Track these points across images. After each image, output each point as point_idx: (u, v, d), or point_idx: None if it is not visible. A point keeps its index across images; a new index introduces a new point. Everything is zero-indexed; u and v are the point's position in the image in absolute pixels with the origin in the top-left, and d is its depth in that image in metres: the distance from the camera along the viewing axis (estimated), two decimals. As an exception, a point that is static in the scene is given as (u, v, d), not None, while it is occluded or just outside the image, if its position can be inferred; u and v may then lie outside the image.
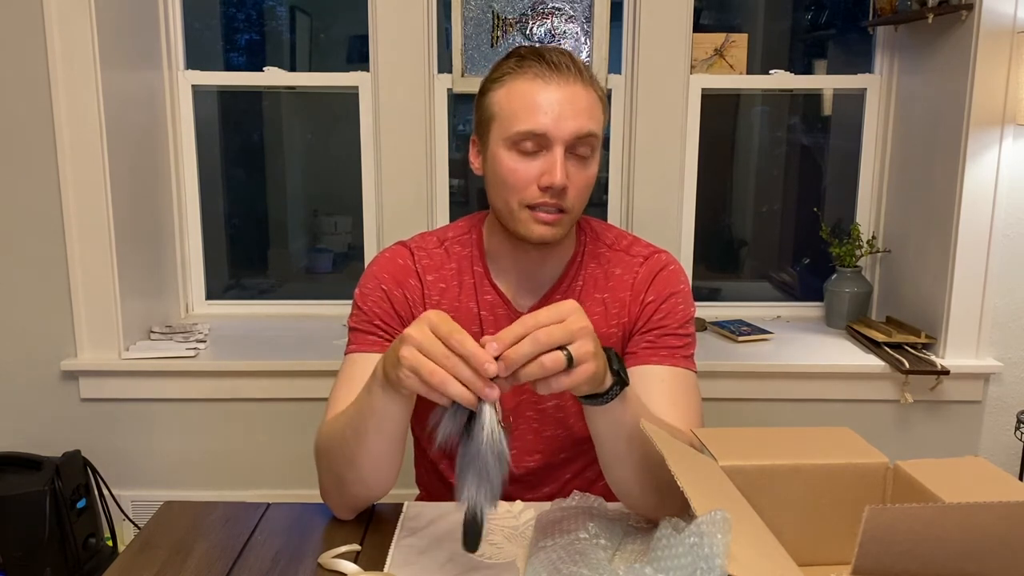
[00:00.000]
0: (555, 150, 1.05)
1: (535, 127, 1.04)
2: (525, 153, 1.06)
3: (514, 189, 1.07)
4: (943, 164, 2.19)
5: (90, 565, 2.13)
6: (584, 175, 1.08)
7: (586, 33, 2.41)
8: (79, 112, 2.11)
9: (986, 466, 0.89)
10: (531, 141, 1.05)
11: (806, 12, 2.83)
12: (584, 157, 1.08)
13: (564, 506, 1.00)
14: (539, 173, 1.06)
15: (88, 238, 2.17)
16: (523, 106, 1.05)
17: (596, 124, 1.07)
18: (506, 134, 1.07)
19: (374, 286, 1.17)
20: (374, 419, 0.94)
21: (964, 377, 2.22)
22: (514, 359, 0.77)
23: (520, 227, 1.09)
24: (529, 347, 0.77)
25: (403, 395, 0.90)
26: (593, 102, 1.08)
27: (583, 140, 1.06)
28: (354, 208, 2.57)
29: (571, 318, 0.80)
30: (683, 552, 0.71)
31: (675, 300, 1.17)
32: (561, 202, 1.06)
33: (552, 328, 0.78)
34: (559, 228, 1.09)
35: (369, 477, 1.00)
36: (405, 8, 2.33)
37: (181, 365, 2.22)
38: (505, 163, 1.07)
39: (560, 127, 1.04)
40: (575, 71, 1.06)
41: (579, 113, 1.05)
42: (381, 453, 0.97)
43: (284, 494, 2.27)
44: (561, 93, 1.05)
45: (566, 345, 0.79)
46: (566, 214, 1.08)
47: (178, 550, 0.99)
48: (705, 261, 2.73)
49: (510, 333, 0.78)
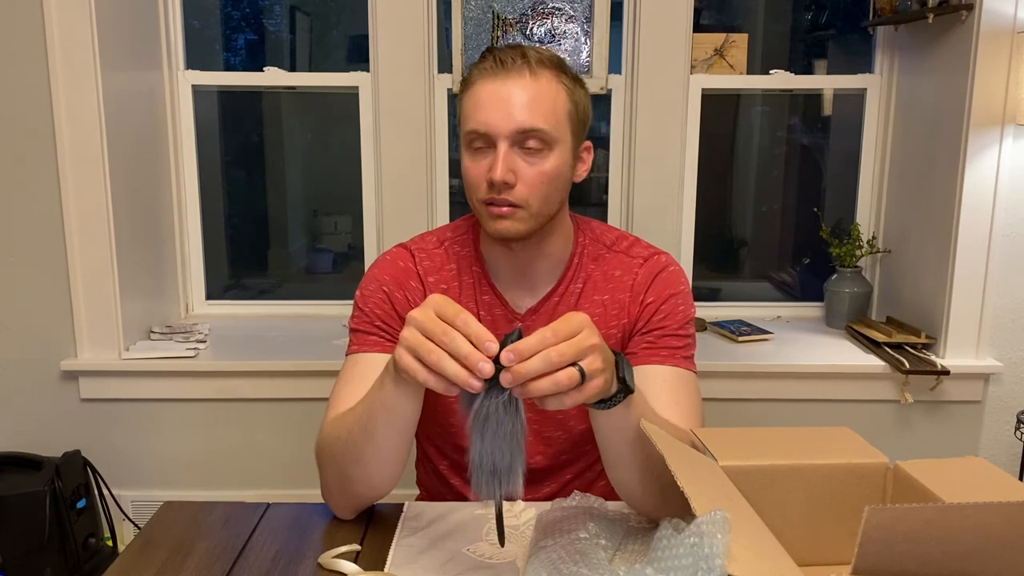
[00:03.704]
0: (498, 146, 1.06)
1: (478, 125, 1.07)
2: (477, 152, 1.09)
3: (471, 187, 1.11)
4: (943, 164, 2.19)
5: (90, 565, 2.13)
6: (536, 170, 1.07)
7: (586, 33, 2.41)
8: (79, 112, 2.11)
9: (986, 466, 0.89)
10: (479, 140, 1.08)
11: (806, 12, 2.83)
12: (535, 151, 1.07)
13: (564, 506, 1.00)
14: (487, 170, 1.07)
15: (88, 238, 2.17)
16: (472, 106, 1.08)
17: (542, 118, 1.06)
18: (462, 135, 1.11)
19: (375, 287, 1.17)
20: (384, 414, 0.94)
21: (964, 377, 2.22)
22: (522, 373, 0.76)
23: (486, 224, 1.11)
24: (539, 364, 0.76)
25: (412, 388, 0.90)
26: (541, 95, 1.06)
27: (528, 135, 1.06)
28: (354, 208, 2.57)
29: (583, 334, 0.79)
30: (683, 552, 0.71)
31: (675, 301, 1.17)
32: (509, 197, 1.07)
33: (563, 346, 0.77)
34: (516, 222, 1.09)
35: (375, 476, 1.00)
36: (405, 8, 2.33)
37: (181, 365, 2.22)
38: (464, 163, 1.11)
39: (499, 124, 1.05)
40: (521, 64, 1.06)
41: (523, 108, 1.05)
42: (389, 451, 0.97)
43: (284, 494, 2.27)
44: (505, 89, 1.06)
45: (577, 361, 0.78)
46: (521, 209, 1.08)
47: (178, 550, 0.99)
48: (705, 261, 2.73)
49: (526, 345, 0.77)
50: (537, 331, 0.78)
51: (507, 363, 0.77)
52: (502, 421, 0.79)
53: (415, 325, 0.81)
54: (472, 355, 0.77)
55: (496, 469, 0.80)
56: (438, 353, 0.79)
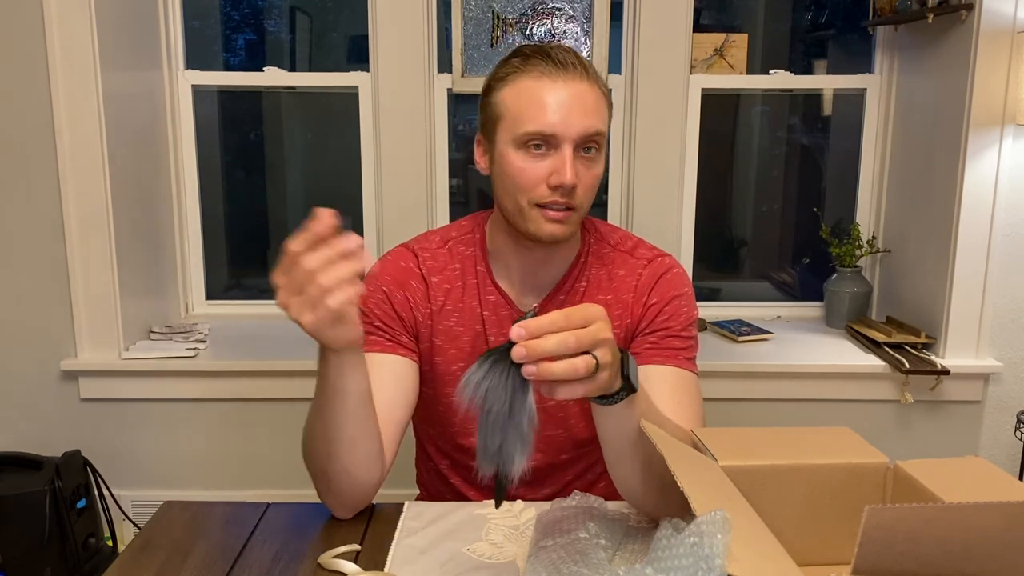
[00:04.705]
0: (564, 149, 1.05)
1: (544, 127, 1.04)
2: (534, 153, 1.06)
3: (523, 188, 1.07)
4: (943, 164, 2.19)
5: (90, 565, 2.13)
6: (592, 173, 1.09)
7: (586, 33, 2.41)
8: (79, 112, 2.11)
9: (986, 466, 0.89)
10: (540, 141, 1.05)
11: (806, 12, 2.83)
12: (591, 155, 1.08)
13: (564, 506, 1.00)
14: (548, 172, 1.06)
15: (88, 238, 2.17)
16: (530, 105, 1.05)
17: (602, 122, 1.08)
18: (514, 134, 1.06)
19: (375, 288, 1.17)
20: (331, 398, 0.95)
21: (964, 377, 2.22)
22: (537, 350, 0.74)
23: (531, 225, 1.09)
24: (554, 345, 0.74)
25: (343, 357, 0.92)
26: (599, 99, 1.08)
27: (591, 138, 1.06)
28: (354, 208, 2.57)
29: (598, 324, 0.77)
30: (683, 552, 0.71)
31: (679, 303, 1.17)
32: (571, 200, 1.07)
33: (581, 333, 0.75)
34: (569, 225, 1.09)
35: (350, 464, 1.00)
36: (405, 8, 2.33)
37: (181, 365, 2.22)
38: (514, 163, 1.07)
39: (568, 126, 1.04)
40: (580, 68, 1.06)
41: (587, 112, 1.05)
42: (353, 437, 0.98)
43: (284, 494, 2.26)
44: (568, 92, 1.05)
45: (591, 351, 0.76)
46: (575, 211, 1.08)
47: (178, 550, 0.99)
48: (705, 261, 2.73)
49: (539, 324, 0.75)
50: (551, 312, 0.76)
51: (517, 338, 0.74)
52: (512, 400, 0.76)
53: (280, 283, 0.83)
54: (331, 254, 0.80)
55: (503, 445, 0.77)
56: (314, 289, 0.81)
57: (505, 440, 0.77)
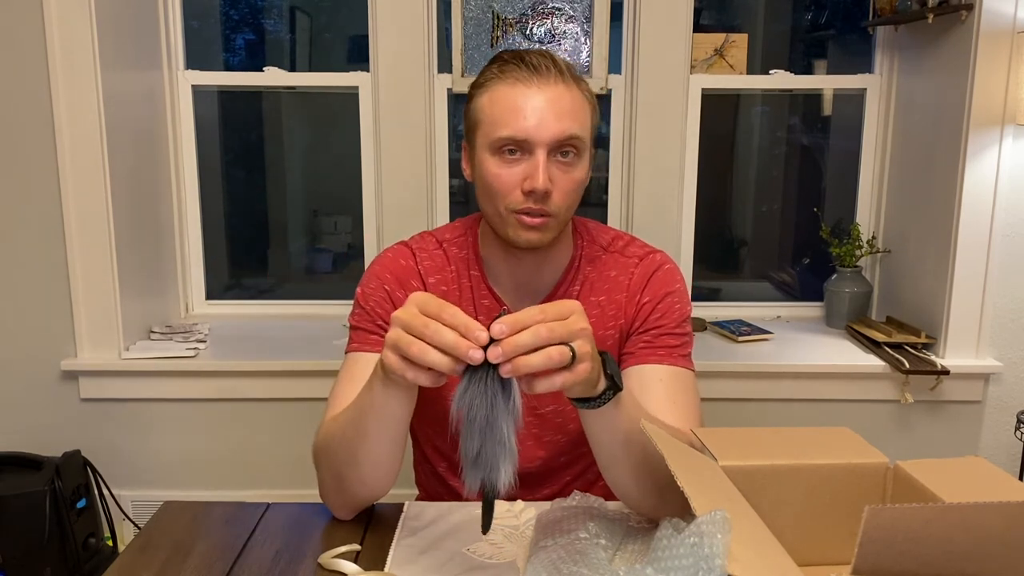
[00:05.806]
0: (537, 154, 1.04)
1: (516, 132, 1.04)
2: (508, 158, 1.06)
3: (499, 195, 1.07)
4: (943, 164, 2.19)
5: (90, 565, 2.13)
6: (569, 178, 1.07)
7: (586, 33, 2.41)
8: (79, 112, 2.11)
9: (986, 466, 0.89)
10: (513, 146, 1.05)
11: (806, 12, 2.83)
12: (569, 159, 1.07)
13: (564, 506, 1.00)
14: (522, 178, 1.05)
15: (88, 238, 2.17)
16: (504, 111, 1.05)
17: (579, 126, 1.06)
18: (489, 140, 1.06)
19: (377, 285, 1.17)
20: (374, 416, 0.93)
21: (964, 377, 2.22)
22: (513, 345, 0.75)
23: (510, 231, 1.09)
24: (529, 338, 0.75)
25: (401, 389, 0.89)
26: (576, 102, 1.07)
27: (566, 143, 1.05)
28: (354, 208, 2.57)
29: (573, 317, 0.79)
30: (683, 552, 0.71)
31: (671, 300, 1.17)
32: (545, 206, 1.06)
33: (554, 324, 0.77)
34: (546, 232, 1.08)
35: (369, 476, 1.00)
36: (405, 8, 2.33)
37: (181, 365, 2.22)
38: (490, 169, 1.07)
39: (541, 131, 1.03)
40: (555, 72, 1.06)
41: (561, 116, 1.04)
42: (381, 453, 0.97)
43: (284, 494, 2.27)
44: (542, 96, 1.04)
45: (567, 342, 0.77)
46: (552, 218, 1.07)
47: (178, 550, 0.99)
48: (705, 261, 2.73)
49: (516, 319, 0.76)
50: (527, 308, 0.78)
51: (498, 335, 0.75)
52: (492, 407, 0.77)
53: (399, 324, 0.80)
54: (458, 343, 0.76)
55: (484, 452, 0.78)
56: (419, 345, 0.78)
57: (484, 444, 0.78)
